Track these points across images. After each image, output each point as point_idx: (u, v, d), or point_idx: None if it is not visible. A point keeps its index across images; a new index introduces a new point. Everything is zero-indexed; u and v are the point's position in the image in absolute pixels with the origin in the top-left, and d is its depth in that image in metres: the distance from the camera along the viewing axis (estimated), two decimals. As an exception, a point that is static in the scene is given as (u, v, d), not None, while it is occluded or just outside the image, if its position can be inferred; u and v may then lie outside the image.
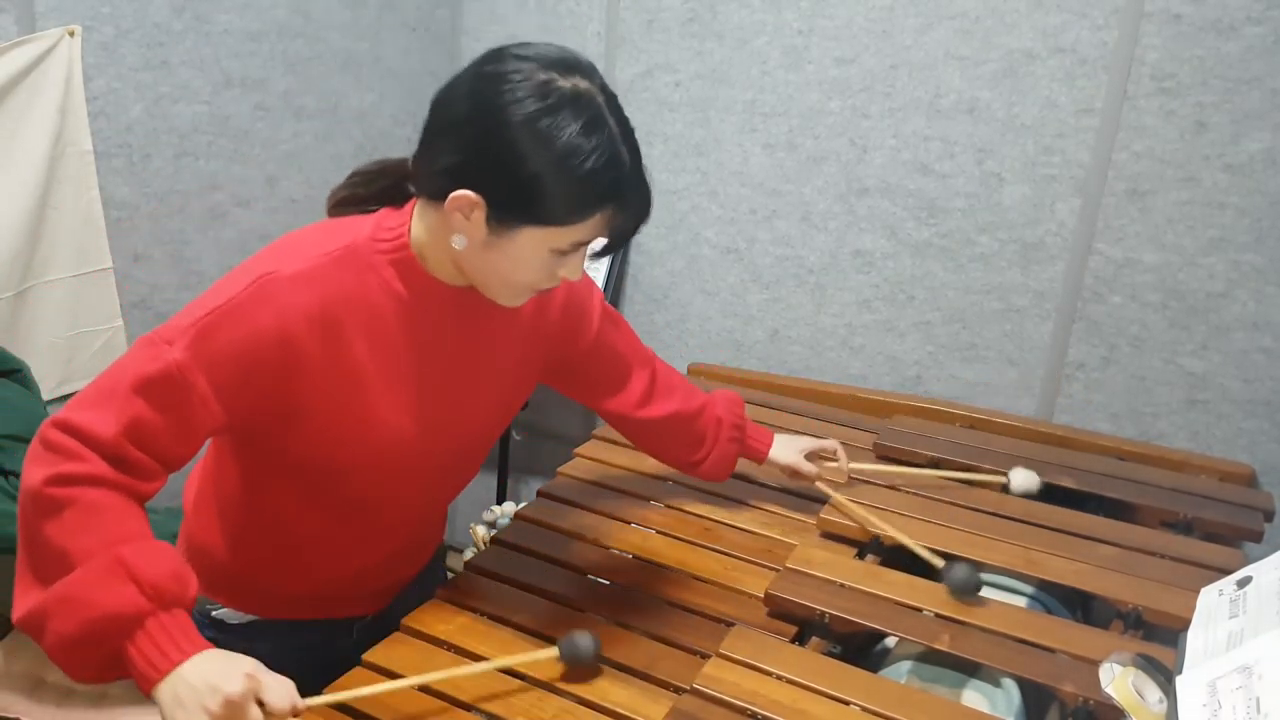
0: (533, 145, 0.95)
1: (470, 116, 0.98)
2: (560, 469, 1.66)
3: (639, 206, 1.03)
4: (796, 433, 1.81)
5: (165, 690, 0.91)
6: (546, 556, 1.39)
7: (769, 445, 1.51)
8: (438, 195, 1.01)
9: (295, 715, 0.94)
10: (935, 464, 1.68)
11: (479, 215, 0.99)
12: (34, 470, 0.94)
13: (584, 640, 1.14)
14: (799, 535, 1.47)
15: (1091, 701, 1.08)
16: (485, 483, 2.65)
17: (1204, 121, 1.72)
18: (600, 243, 1.05)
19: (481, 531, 1.97)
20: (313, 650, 1.20)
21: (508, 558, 1.39)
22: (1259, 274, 1.74)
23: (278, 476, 1.14)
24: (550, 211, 0.98)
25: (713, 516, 1.51)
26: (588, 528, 1.46)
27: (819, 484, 1.51)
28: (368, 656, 1.18)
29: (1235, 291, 1.76)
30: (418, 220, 1.07)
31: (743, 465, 1.66)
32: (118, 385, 0.96)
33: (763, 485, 1.61)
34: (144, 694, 0.92)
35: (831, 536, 1.46)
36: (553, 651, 1.14)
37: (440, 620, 1.24)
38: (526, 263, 1.03)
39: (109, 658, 0.92)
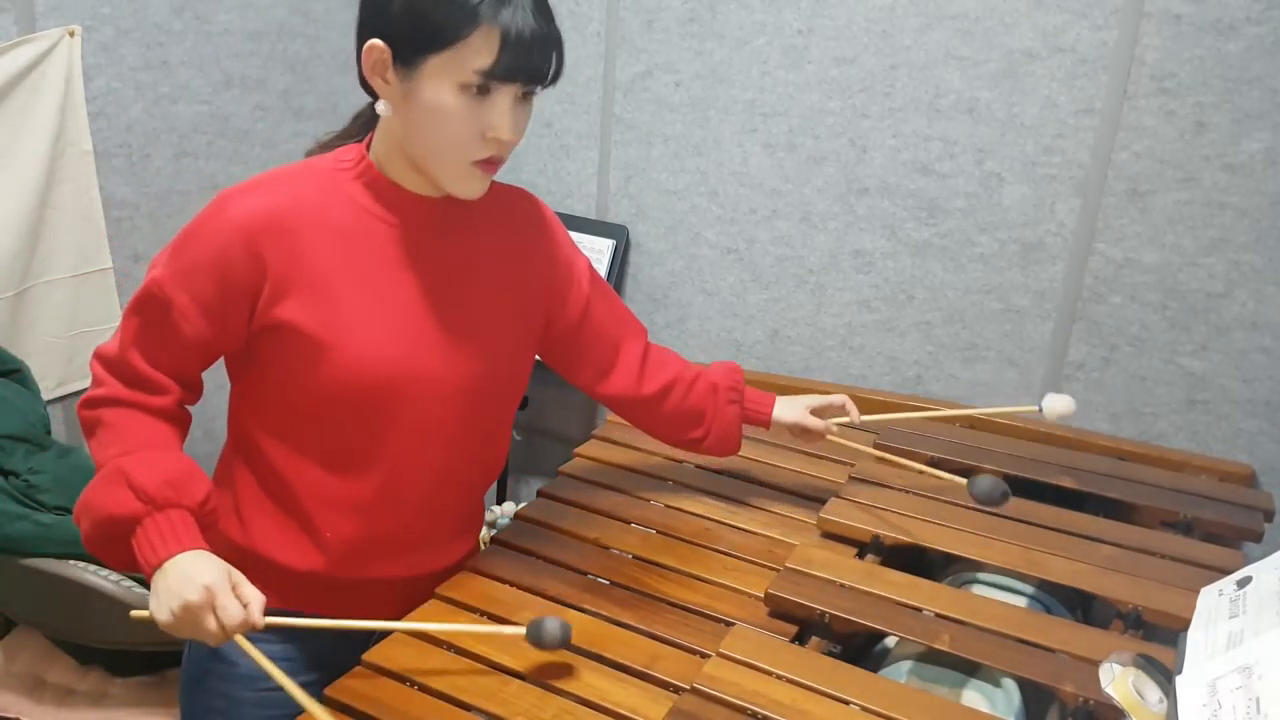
0: None
1: None
2: (560, 469, 1.67)
3: (524, 16, 1.01)
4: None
5: (158, 578, 1.01)
6: (546, 556, 1.39)
7: (771, 407, 1.45)
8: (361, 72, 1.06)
9: (255, 629, 1.02)
10: (935, 464, 1.68)
11: (389, 68, 1.04)
12: (81, 398, 1.11)
13: (551, 626, 1.12)
14: (799, 535, 1.47)
15: (1091, 701, 1.08)
16: (485, 483, 2.65)
17: (1204, 121, 1.72)
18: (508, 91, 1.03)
19: (481, 532, 1.97)
20: (326, 661, 1.20)
21: (508, 558, 1.39)
22: (1259, 274, 1.74)
23: (270, 417, 1.16)
24: (436, 28, 1.00)
25: (713, 516, 1.51)
26: (588, 528, 1.46)
27: (830, 437, 1.45)
28: (368, 656, 1.17)
29: (1235, 291, 1.76)
30: (377, 135, 1.13)
31: (743, 465, 1.67)
32: (125, 312, 1.11)
33: (763, 484, 1.61)
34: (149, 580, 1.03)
35: (831, 536, 1.46)
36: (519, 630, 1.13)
37: (441, 620, 1.24)
38: (442, 110, 1.03)
39: (128, 551, 1.04)
